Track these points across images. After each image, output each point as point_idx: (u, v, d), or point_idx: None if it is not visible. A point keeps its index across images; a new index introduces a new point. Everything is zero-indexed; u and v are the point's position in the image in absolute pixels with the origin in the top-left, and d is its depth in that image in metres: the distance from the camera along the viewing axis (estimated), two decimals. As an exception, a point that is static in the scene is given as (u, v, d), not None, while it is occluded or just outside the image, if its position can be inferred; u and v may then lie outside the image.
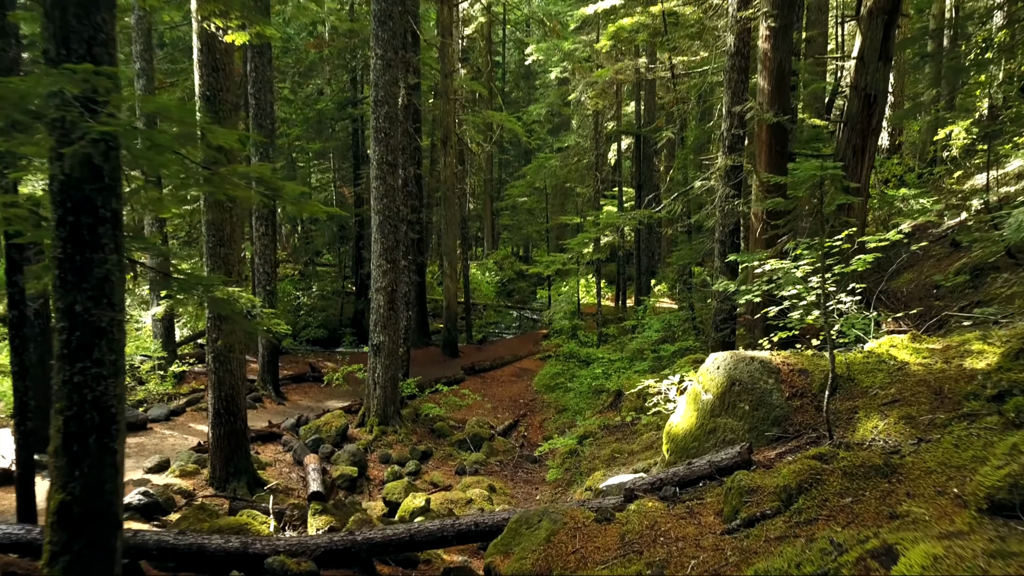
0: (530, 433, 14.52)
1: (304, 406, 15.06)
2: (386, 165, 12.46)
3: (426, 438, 13.49)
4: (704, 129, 16.29)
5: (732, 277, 11.16)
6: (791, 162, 10.81)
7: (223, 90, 9.17)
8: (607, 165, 33.43)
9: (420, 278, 21.28)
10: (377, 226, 12.65)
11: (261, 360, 15.09)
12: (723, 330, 11.06)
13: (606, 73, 21.99)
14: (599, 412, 14.44)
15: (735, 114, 10.86)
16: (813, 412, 5.87)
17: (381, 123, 12.43)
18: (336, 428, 12.62)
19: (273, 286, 14.98)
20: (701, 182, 11.04)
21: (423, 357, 20.49)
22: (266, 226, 14.75)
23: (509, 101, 42.16)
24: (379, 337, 12.87)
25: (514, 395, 17.20)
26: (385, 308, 12.80)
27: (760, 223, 10.43)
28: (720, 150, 11.15)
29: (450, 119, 20.22)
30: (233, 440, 9.71)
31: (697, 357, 12.59)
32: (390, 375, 13.01)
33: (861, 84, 9.97)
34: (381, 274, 12.73)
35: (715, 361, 6.64)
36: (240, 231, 9.76)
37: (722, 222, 10.94)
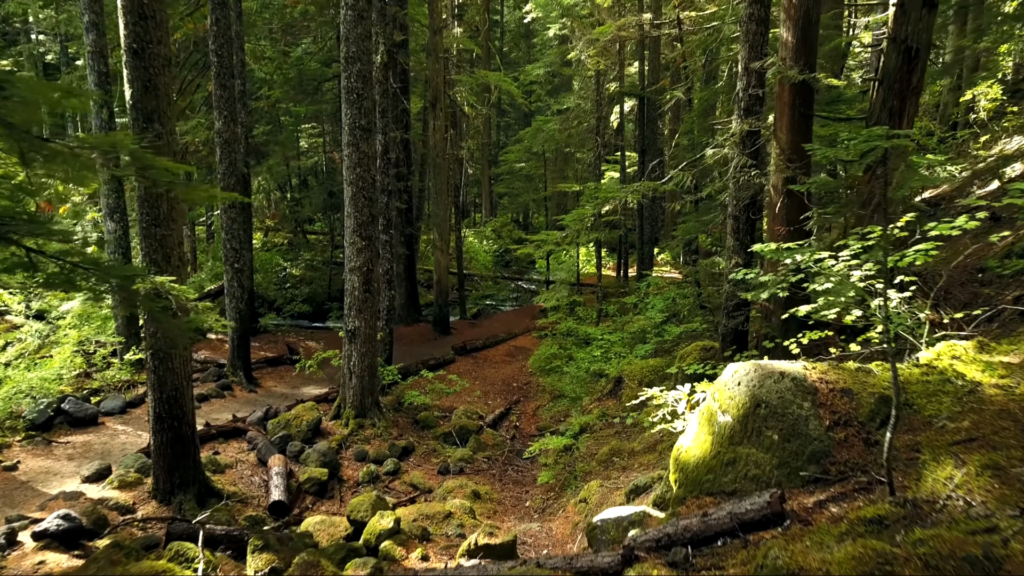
0: (523, 423, 13.36)
1: (278, 394, 13.89)
2: (359, 130, 11.11)
3: (408, 431, 12.34)
4: (713, 90, 14.86)
5: (747, 258, 9.89)
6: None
7: (154, 42, 7.81)
8: (609, 129, 31.90)
9: (409, 251, 19.99)
10: (350, 199, 11.34)
11: (231, 343, 13.89)
12: (736, 318, 9.81)
13: (608, 30, 20.43)
14: (597, 399, 13.27)
15: (753, 71, 9.48)
16: (861, 448, 4.64)
17: (353, 82, 11.05)
18: (308, 422, 11.46)
19: (243, 263, 13.73)
20: (713, 149, 9.69)
21: (412, 335, 19.30)
22: (233, 198, 13.41)
23: (508, 62, 40.43)
24: (354, 322, 11.64)
25: (507, 378, 16.03)
26: (360, 290, 11.55)
27: (780, 196, 9.11)
28: (735, 113, 9.78)
29: (440, 79, 18.76)
30: (178, 447, 8.54)
31: (706, 345, 11.36)
32: (367, 363, 11.82)
33: (901, 35, 8.56)
34: (355, 252, 11.45)
35: (734, 375, 5.40)
36: (181, 208, 8.47)
37: (736, 195, 9.62)
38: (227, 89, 13.15)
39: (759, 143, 9.67)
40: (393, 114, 18.70)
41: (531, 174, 31.28)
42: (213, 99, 13.22)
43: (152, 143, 7.90)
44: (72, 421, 11.24)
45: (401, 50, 18.84)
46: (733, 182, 9.58)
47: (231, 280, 13.59)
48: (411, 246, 20.27)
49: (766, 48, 9.58)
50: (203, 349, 16.34)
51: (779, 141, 9.11)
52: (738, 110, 9.69)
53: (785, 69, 8.67)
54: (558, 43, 30.66)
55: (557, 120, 25.71)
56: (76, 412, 11.33)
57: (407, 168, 19.59)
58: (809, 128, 9.12)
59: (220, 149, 13.24)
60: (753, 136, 9.64)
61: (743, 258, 9.80)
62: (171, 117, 8.13)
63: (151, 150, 7.88)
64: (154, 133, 7.89)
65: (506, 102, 41.14)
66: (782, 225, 9.12)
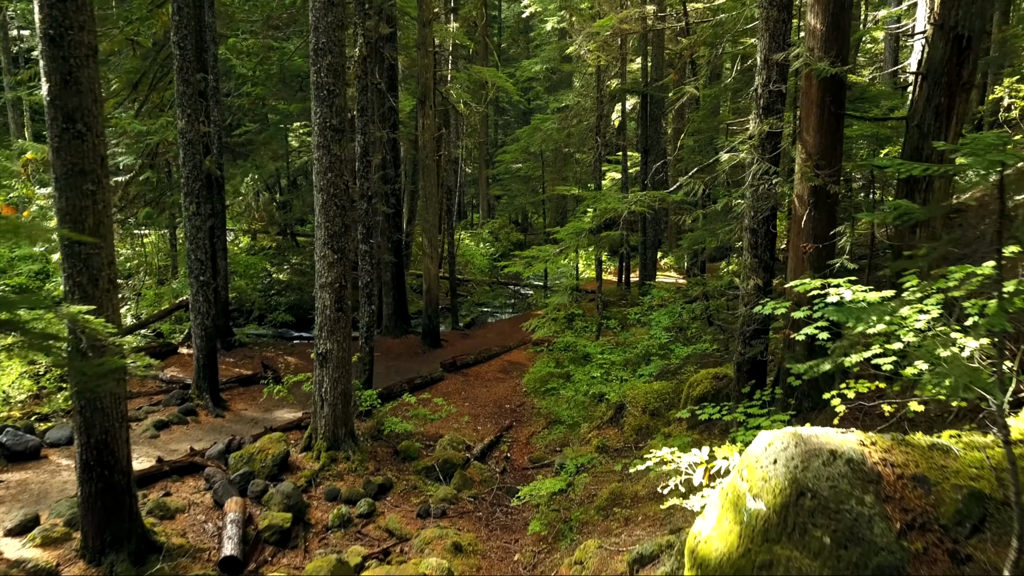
0: (515, 453, 12.19)
1: (248, 418, 12.71)
2: (330, 131, 9.92)
3: (387, 463, 11.17)
4: (722, 87, 13.67)
5: (766, 277, 8.70)
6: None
7: (75, 28, 6.62)
8: (610, 127, 30.68)
9: (397, 258, 18.80)
10: (320, 207, 10.16)
11: (196, 363, 12.71)
12: (753, 346, 8.62)
13: (608, 22, 19.23)
14: (597, 427, 12.10)
15: (774, 64, 8.28)
16: (947, 565, 3.46)
17: (323, 77, 9.87)
18: (273, 456, 10.28)
19: (209, 276, 12.53)
20: (729, 153, 8.50)
21: (400, 348, 18.12)
22: (197, 202, 12.23)
23: (506, 58, 39.24)
24: (325, 344, 10.46)
25: (499, 399, 14.84)
26: (332, 308, 10.37)
27: (806, 208, 7.92)
28: (753, 111, 8.59)
29: (429, 75, 17.56)
30: (110, 498, 7.37)
31: (718, 372, 10.17)
32: (340, 390, 10.64)
33: (949, 21, 7.37)
34: (326, 267, 10.27)
35: (768, 448, 4.21)
36: (110, 219, 7.28)
37: (754, 206, 8.43)
38: (190, 85, 11.96)
39: (780, 148, 8.48)
40: (379, 112, 17.53)
41: (529, 175, 30.06)
42: (176, 95, 12.03)
43: (72, 146, 6.73)
44: (10, 455, 10.06)
45: (388, 44, 17.67)
46: (751, 191, 8.39)
47: (196, 294, 12.41)
48: (399, 253, 19.09)
49: (789, 37, 8.39)
50: (171, 366, 15.16)
51: (805, 144, 7.92)
52: (756, 108, 8.50)
53: (814, 61, 7.47)
54: (557, 38, 29.45)
55: (556, 119, 24.51)
56: (15, 444, 10.15)
57: (395, 170, 18.40)
58: (840, 129, 7.93)
59: (183, 150, 12.06)
60: (774, 138, 8.45)
61: (762, 277, 8.62)
62: (98, 116, 6.95)
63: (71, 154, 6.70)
64: (74, 134, 6.70)
65: (504, 100, 39.93)
66: (808, 241, 7.93)
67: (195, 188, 12.15)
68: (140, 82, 16.06)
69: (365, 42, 12.04)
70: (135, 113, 15.99)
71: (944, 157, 7.49)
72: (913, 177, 7.53)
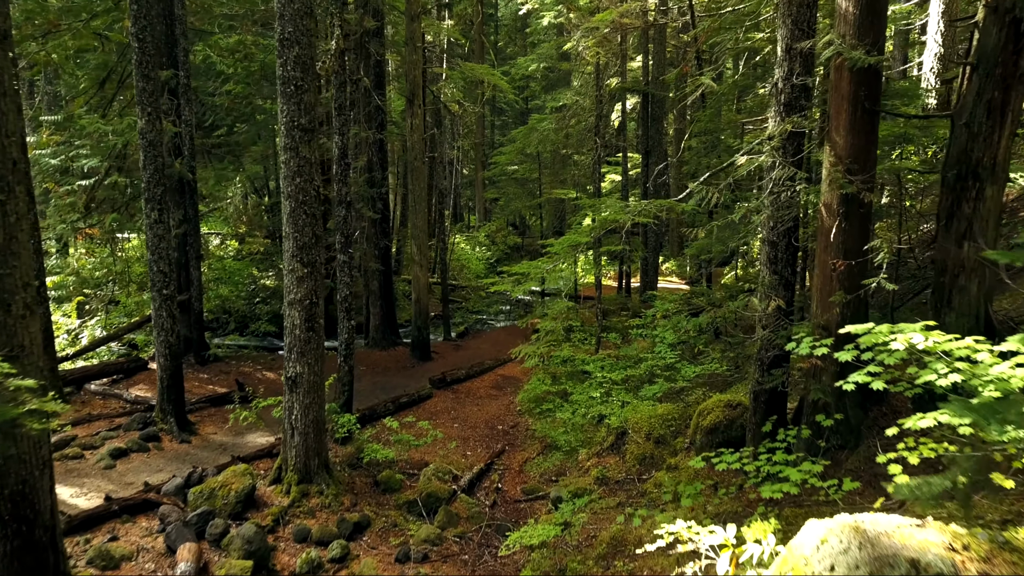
0: (507, 482, 11.16)
1: (216, 444, 11.68)
2: (298, 131, 8.90)
3: (365, 496, 10.15)
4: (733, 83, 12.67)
5: (788, 296, 7.67)
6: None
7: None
8: (610, 128, 29.68)
9: (385, 265, 17.77)
10: (288, 215, 9.14)
11: (160, 383, 11.68)
12: (773, 375, 7.60)
13: (608, 17, 18.23)
14: (596, 454, 11.09)
15: (797, 54, 7.27)
16: None
17: (289, 71, 8.85)
18: (237, 492, 9.25)
19: (174, 288, 11.50)
20: (747, 156, 7.47)
21: (387, 362, 17.09)
22: (160, 209, 11.20)
23: (503, 57, 38.22)
24: (295, 368, 9.44)
25: (491, 418, 13.82)
26: (302, 329, 9.34)
27: (835, 218, 6.90)
28: (772, 108, 7.57)
29: (418, 72, 16.54)
30: (30, 558, 6.34)
31: (731, 400, 9.15)
32: (312, 417, 9.62)
33: (1005, 3, 6.35)
34: (295, 282, 9.25)
35: (820, 548, 3.19)
36: (27, 232, 6.24)
37: (775, 216, 7.41)
38: (151, 81, 10.93)
39: (803, 151, 7.46)
40: (364, 111, 16.52)
41: (525, 177, 29.00)
42: (136, 93, 11.01)
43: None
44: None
45: (374, 39, 16.67)
46: (771, 199, 7.36)
47: (159, 308, 11.39)
48: (387, 260, 18.06)
49: (815, 24, 7.38)
50: (140, 383, 14.12)
51: (834, 145, 6.90)
52: (776, 105, 7.48)
53: (846, 49, 6.44)
54: (555, 34, 28.44)
55: (553, 119, 23.52)
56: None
57: (381, 172, 17.38)
58: (875, 129, 6.91)
59: (144, 152, 11.03)
60: (796, 139, 7.43)
61: (783, 296, 7.60)
62: (9, 112, 5.91)
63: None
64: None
65: (502, 100, 38.94)
66: (837, 257, 6.91)
67: (157, 193, 11.12)
68: (108, 79, 15.03)
69: (343, 34, 11.01)
70: (102, 112, 14.97)
71: (997, 162, 6.49)
72: (962, 183, 6.52)
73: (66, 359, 14.60)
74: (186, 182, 14.56)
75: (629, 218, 7.21)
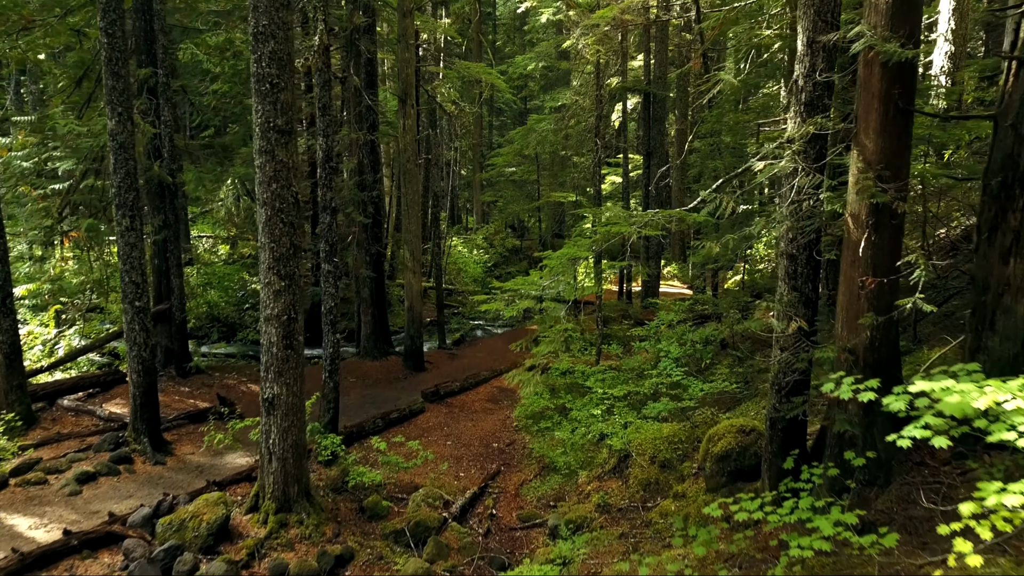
0: (502, 507, 10.46)
1: (193, 465, 10.97)
2: (274, 132, 8.21)
3: (350, 524, 9.45)
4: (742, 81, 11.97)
5: (809, 315, 6.97)
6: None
7: None
8: (610, 128, 28.99)
9: (377, 272, 17.06)
10: (264, 224, 8.45)
11: (132, 401, 10.98)
12: (792, 403, 6.90)
13: (609, 13, 17.56)
14: (597, 478, 10.40)
15: (819, 48, 6.58)
16: None
17: (264, 68, 8.15)
18: (209, 523, 8.56)
19: (147, 301, 10.80)
20: (765, 162, 6.77)
21: (379, 373, 16.38)
22: (131, 216, 10.49)
23: (502, 56, 37.53)
24: (272, 388, 8.74)
25: (486, 435, 13.11)
26: (279, 346, 8.64)
27: (864, 230, 6.20)
28: (791, 108, 6.88)
29: (410, 70, 15.84)
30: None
31: (744, 425, 8.43)
32: (291, 441, 8.92)
33: (1057, -10, 5.68)
34: (272, 296, 8.56)
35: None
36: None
37: (795, 227, 6.71)
38: (121, 79, 10.23)
39: (826, 158, 6.76)
40: (355, 112, 15.84)
41: (523, 180, 28.28)
42: (104, 91, 10.31)
43: None
44: None
45: (365, 36, 15.98)
46: (791, 208, 6.66)
47: (131, 322, 10.69)
48: (379, 266, 17.35)
49: (839, 14, 6.69)
50: (117, 398, 13.42)
51: (863, 149, 6.20)
52: (796, 104, 6.78)
53: (879, 42, 5.74)
54: (554, 32, 27.75)
55: (552, 119, 22.82)
56: None
57: (373, 175, 16.67)
58: (909, 131, 6.21)
59: (114, 155, 10.33)
60: (819, 142, 6.73)
61: (803, 315, 6.90)
62: None
63: None
64: None
65: (500, 101, 38.27)
66: (867, 273, 6.21)
67: (129, 199, 10.42)
68: (85, 77, 14.33)
69: (327, 29, 10.31)
70: (78, 112, 14.26)
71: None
72: (1007, 192, 5.82)
73: (41, 371, 13.90)
74: (166, 186, 13.86)
75: (635, 231, 6.52)
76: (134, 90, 14.32)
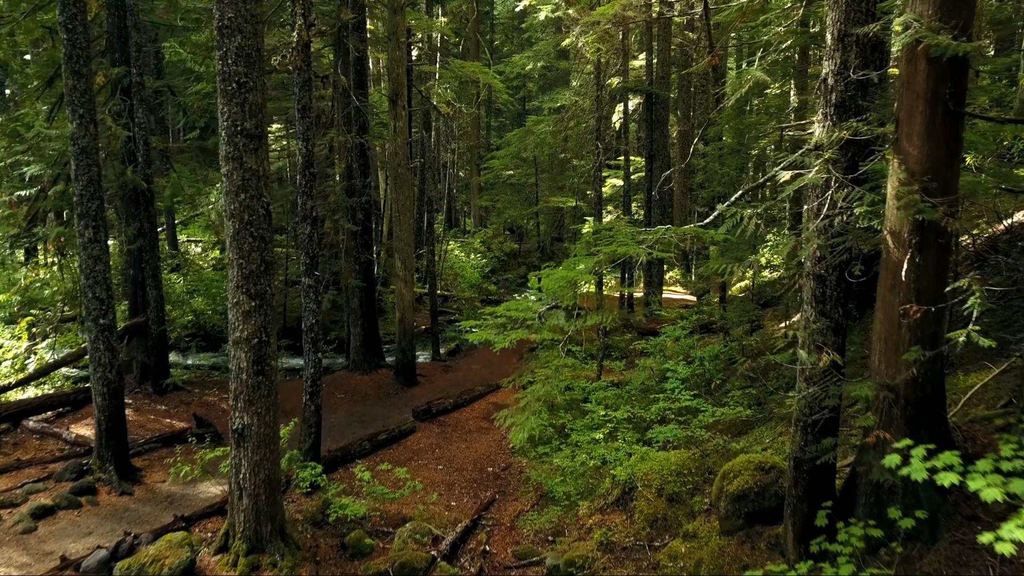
0: (495, 542, 9.64)
1: (162, 496, 10.17)
2: (242, 137, 7.41)
3: (330, 564, 8.66)
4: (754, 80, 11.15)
5: (837, 342, 6.16)
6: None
7: None
8: (610, 130, 28.21)
9: (367, 281, 16.25)
10: (231, 238, 7.65)
11: (97, 426, 10.18)
12: (820, 442, 6.10)
13: (610, 10, 16.79)
14: (599, 510, 9.59)
15: (852, 42, 5.78)
16: None
17: (231, 66, 7.35)
18: (172, 567, 7.77)
19: (111, 319, 10.00)
20: (792, 172, 5.97)
21: (368, 387, 15.58)
22: (95, 227, 9.69)
23: (500, 56, 36.74)
24: (242, 418, 7.94)
25: (480, 458, 12.32)
26: (250, 372, 7.84)
27: (907, 251, 5.41)
28: (820, 110, 6.08)
29: (401, 70, 15.05)
30: None
31: (763, 462, 7.63)
32: (263, 476, 8.12)
33: None
34: (241, 317, 7.76)
35: None
36: None
37: (824, 245, 5.91)
38: (82, 78, 9.42)
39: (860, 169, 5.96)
40: (343, 113, 15.06)
41: (521, 183, 27.46)
42: (65, 91, 9.50)
43: None
44: None
45: (354, 34, 15.20)
46: (821, 223, 5.86)
47: (95, 341, 9.89)
48: (369, 275, 16.55)
49: (875, 3, 5.90)
50: (87, 418, 12.58)
51: (906, 157, 5.41)
52: (825, 106, 5.98)
53: (929, 34, 4.95)
54: (553, 31, 26.95)
55: (551, 120, 22.03)
56: None
57: (362, 179, 15.87)
58: (959, 136, 5.43)
59: (75, 160, 9.53)
60: (850, 148, 5.93)
61: (833, 342, 6.09)
62: None
63: None
64: None
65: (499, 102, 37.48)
66: (909, 299, 5.41)
67: (92, 208, 9.62)
68: (57, 76, 13.52)
69: (306, 24, 9.51)
70: (49, 114, 13.46)
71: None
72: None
73: (9, 388, 13.09)
74: (141, 192, 13.05)
75: (644, 253, 5.72)
76: (109, 91, 13.56)
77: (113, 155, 13.07)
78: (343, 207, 15.01)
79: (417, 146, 20.35)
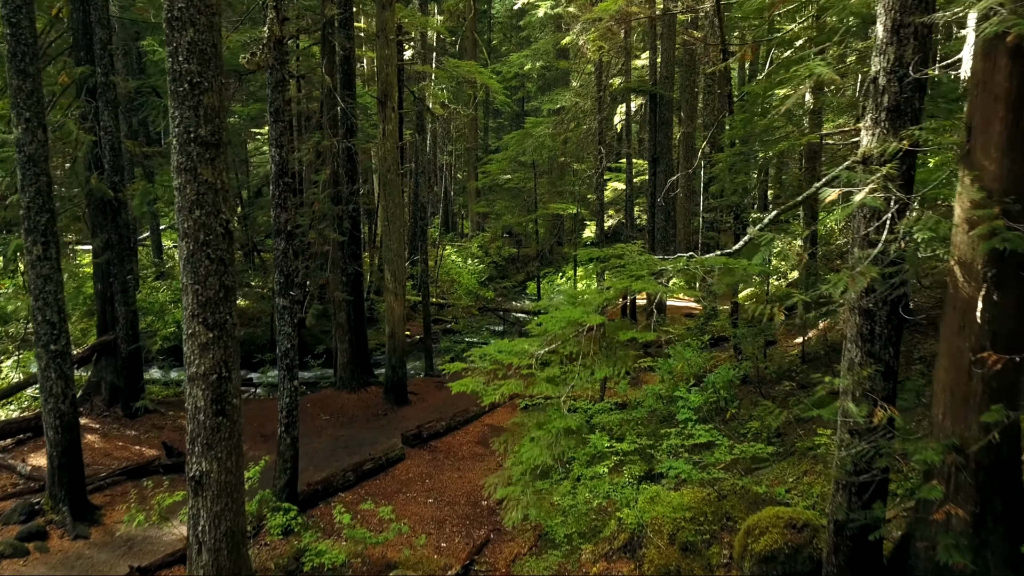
0: (489, 592, 8.71)
1: (120, 541, 9.20)
2: (196, 145, 6.47)
3: (302, 623, 7.70)
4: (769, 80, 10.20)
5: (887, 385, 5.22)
6: None
7: None
8: (611, 132, 27.28)
9: (355, 295, 15.29)
10: (185, 260, 6.70)
11: (49, 462, 9.23)
12: (869, 506, 5.16)
13: (612, 7, 15.91)
14: (604, 556, 8.68)
15: (911, 34, 4.84)
16: None
17: (182, 64, 6.41)
18: (119, 634, 6.80)
19: (64, 344, 9.05)
20: (839, 190, 5.02)
21: (356, 407, 14.61)
22: (44, 242, 8.74)
23: (498, 56, 35.79)
24: (199, 465, 6.98)
25: (474, 490, 11.36)
26: (208, 412, 6.89)
27: (980, 286, 4.48)
28: (868, 114, 5.14)
29: (391, 69, 14.10)
30: None
31: (792, 518, 6.69)
32: (225, 528, 7.15)
33: None
34: (197, 350, 6.80)
35: None
36: None
37: (877, 276, 4.95)
38: (29, 78, 8.47)
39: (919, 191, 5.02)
40: (329, 115, 14.12)
41: (520, 188, 26.46)
42: (9, 93, 8.56)
43: None
44: None
45: (340, 31, 14.25)
46: (864, 251, 4.91)
47: (46, 369, 8.95)
48: (357, 287, 15.59)
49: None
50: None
51: (981, 173, 4.47)
52: (876, 110, 5.04)
53: (1020, 24, 4.00)
54: (552, 29, 26.00)
55: (550, 122, 21.06)
56: None
57: (350, 186, 14.90)
58: (1046, 147, 4.48)
59: (21, 170, 8.58)
60: (905, 161, 4.99)
61: (884, 388, 5.15)
62: None
63: None
64: None
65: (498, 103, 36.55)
66: (984, 345, 4.47)
67: (40, 222, 8.66)
68: (18, 78, 12.54)
69: (278, 18, 8.56)
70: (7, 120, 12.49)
71: None
72: None
73: (-33, 412, 12.16)
74: (108, 202, 12.08)
75: (663, 288, 4.78)
76: (74, 92, 12.61)
77: (78, 162, 12.13)
78: (329, 216, 14.08)
79: (410, 150, 19.41)
